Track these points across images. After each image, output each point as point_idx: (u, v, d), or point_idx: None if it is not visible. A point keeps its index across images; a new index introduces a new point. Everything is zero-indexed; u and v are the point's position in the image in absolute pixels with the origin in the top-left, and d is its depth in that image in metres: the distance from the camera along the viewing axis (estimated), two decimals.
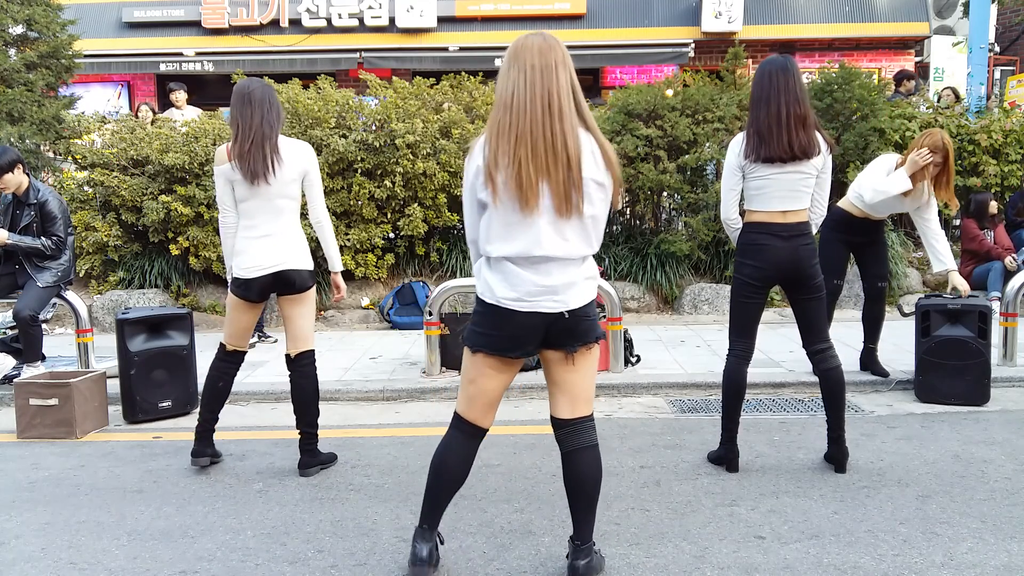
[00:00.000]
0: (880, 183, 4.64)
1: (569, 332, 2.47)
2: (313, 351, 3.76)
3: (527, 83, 2.34)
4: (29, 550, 2.98)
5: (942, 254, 4.77)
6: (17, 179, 5.08)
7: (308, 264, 3.67)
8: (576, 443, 2.57)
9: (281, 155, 3.50)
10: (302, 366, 3.72)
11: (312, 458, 3.75)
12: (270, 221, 3.57)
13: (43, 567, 2.85)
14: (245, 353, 3.82)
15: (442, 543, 2.75)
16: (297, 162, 3.56)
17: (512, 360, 2.53)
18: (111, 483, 3.68)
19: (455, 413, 2.63)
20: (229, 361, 3.77)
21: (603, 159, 2.40)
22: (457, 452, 2.60)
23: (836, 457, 3.60)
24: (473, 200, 2.47)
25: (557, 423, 2.60)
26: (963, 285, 4.76)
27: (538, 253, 2.38)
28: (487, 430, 2.63)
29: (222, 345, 3.76)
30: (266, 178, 3.47)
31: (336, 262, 3.88)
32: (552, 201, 2.35)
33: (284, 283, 3.62)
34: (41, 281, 5.14)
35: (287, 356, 3.74)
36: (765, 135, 3.37)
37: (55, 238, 5.16)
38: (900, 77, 9.85)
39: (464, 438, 2.60)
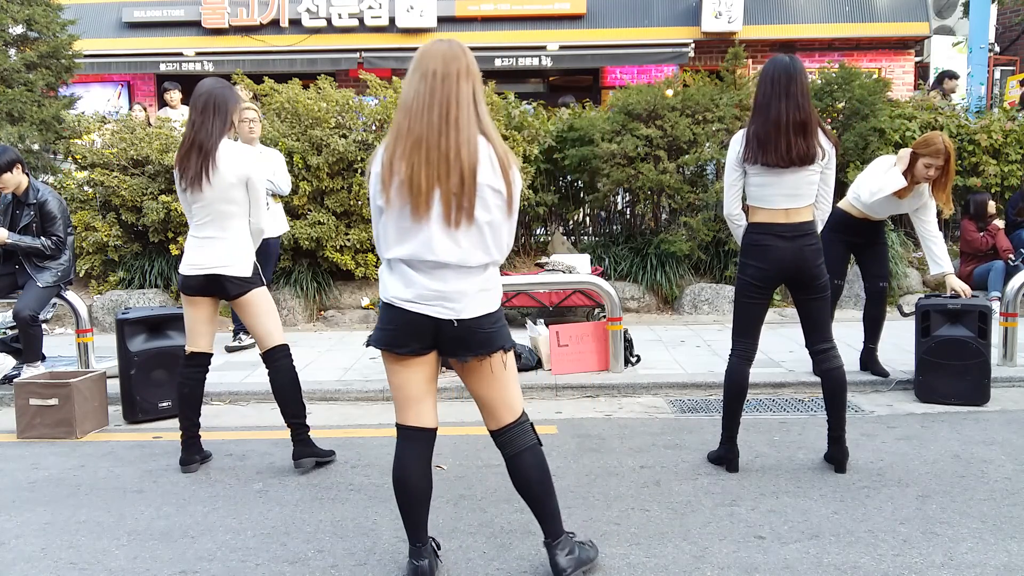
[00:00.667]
0: (875, 183, 4.65)
1: (459, 341, 2.46)
2: (283, 346, 3.77)
3: (427, 90, 2.35)
4: (29, 550, 2.98)
5: (939, 257, 4.77)
6: (16, 179, 5.08)
7: (244, 271, 3.66)
8: (513, 448, 2.57)
9: (218, 162, 3.51)
10: (273, 361, 3.76)
11: (305, 448, 3.77)
12: (214, 225, 3.61)
13: (43, 567, 2.85)
14: (208, 356, 3.81)
15: (439, 548, 2.75)
16: (237, 168, 3.57)
17: (405, 357, 2.50)
18: (111, 483, 3.68)
19: (396, 424, 2.61)
20: (191, 365, 3.78)
21: (500, 166, 2.38)
22: (411, 462, 2.56)
23: (836, 457, 3.60)
24: (374, 206, 2.47)
25: (491, 434, 2.62)
26: (961, 286, 4.77)
27: (430, 258, 2.39)
28: (432, 430, 2.59)
29: (183, 349, 3.81)
30: (200, 186, 3.51)
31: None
32: (442, 210, 2.35)
33: (217, 286, 3.65)
34: (41, 281, 5.14)
35: (260, 356, 3.80)
36: (763, 141, 3.36)
37: (55, 238, 5.16)
38: (943, 76, 9.82)
39: (412, 445, 2.57)
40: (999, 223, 7.65)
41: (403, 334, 2.47)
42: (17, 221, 5.17)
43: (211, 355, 3.83)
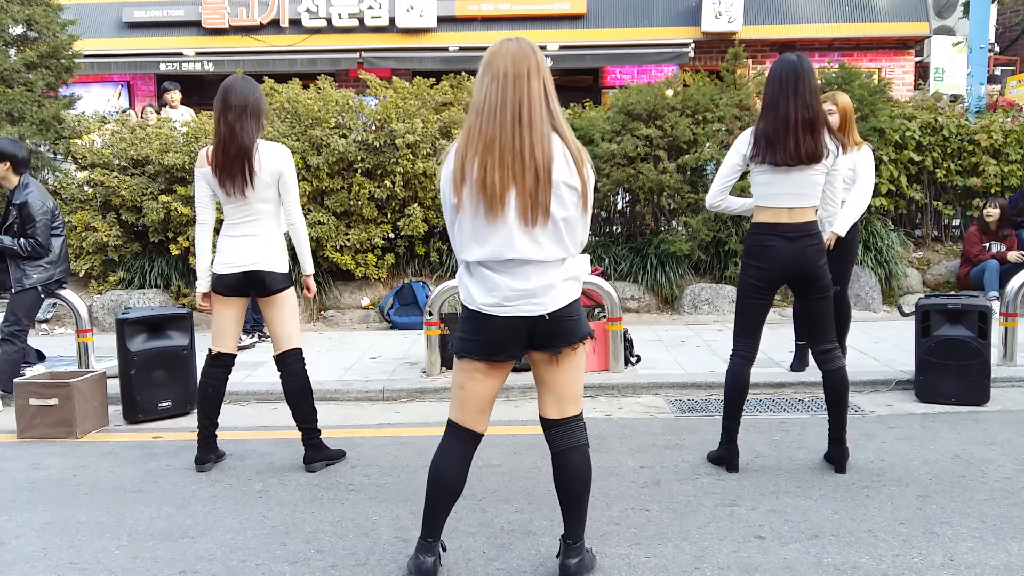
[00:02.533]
0: None
1: (552, 334, 2.48)
2: (298, 350, 3.79)
3: (499, 90, 2.36)
4: (29, 550, 2.98)
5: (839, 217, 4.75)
6: (1, 174, 5.01)
7: (282, 267, 3.69)
8: (565, 443, 2.58)
9: (255, 165, 3.53)
10: (286, 365, 3.78)
11: (316, 452, 3.80)
12: (248, 223, 3.63)
13: (43, 567, 2.85)
14: (233, 357, 3.83)
15: (444, 550, 2.75)
16: (271, 166, 3.58)
17: (499, 364, 2.54)
18: (111, 483, 3.68)
19: (448, 420, 2.63)
20: (216, 365, 3.79)
21: (575, 162, 2.40)
22: (453, 459, 2.59)
23: (836, 457, 3.60)
24: (448, 205, 2.48)
25: (546, 423, 2.61)
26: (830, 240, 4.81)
27: (510, 256, 2.40)
28: (482, 435, 2.63)
29: (209, 350, 3.81)
30: (244, 193, 3.54)
31: (307, 265, 3.88)
32: (518, 209, 2.36)
33: (255, 283, 3.67)
34: (15, 282, 5.00)
35: (274, 357, 3.80)
36: (772, 139, 3.37)
37: (32, 241, 4.98)
38: None
39: (459, 444, 2.60)
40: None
41: (497, 340, 2.49)
42: (8, 219, 5.10)
43: (235, 356, 3.85)
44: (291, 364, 3.77)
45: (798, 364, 5.22)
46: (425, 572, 2.56)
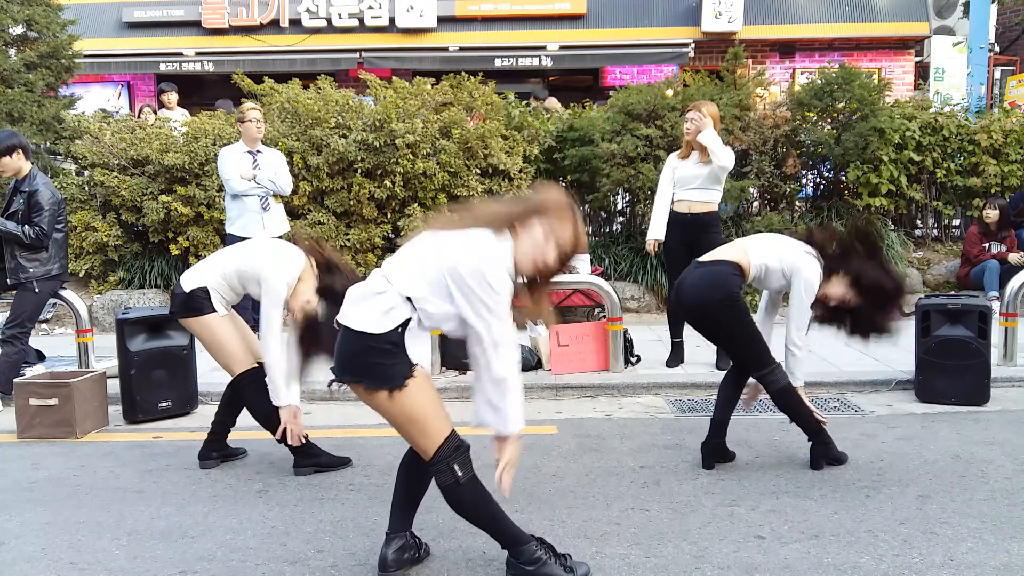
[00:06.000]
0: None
1: (340, 355, 2.56)
2: (241, 375, 3.73)
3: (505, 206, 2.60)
4: (29, 550, 2.98)
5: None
6: (16, 164, 4.96)
7: (180, 287, 3.63)
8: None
9: None
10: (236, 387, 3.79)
11: (305, 458, 3.77)
12: None
13: (43, 567, 2.85)
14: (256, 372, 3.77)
15: (420, 543, 2.80)
16: None
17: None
18: (111, 483, 3.68)
19: None
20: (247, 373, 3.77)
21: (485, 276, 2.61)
22: (415, 454, 2.67)
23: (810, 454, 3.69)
24: None
25: None
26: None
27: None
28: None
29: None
30: None
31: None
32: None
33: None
34: (11, 272, 4.98)
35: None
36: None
37: (37, 229, 4.97)
38: None
39: None
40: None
41: None
42: (11, 207, 5.09)
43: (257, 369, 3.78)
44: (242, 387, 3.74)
45: (672, 361, 5.53)
46: (382, 564, 2.65)
